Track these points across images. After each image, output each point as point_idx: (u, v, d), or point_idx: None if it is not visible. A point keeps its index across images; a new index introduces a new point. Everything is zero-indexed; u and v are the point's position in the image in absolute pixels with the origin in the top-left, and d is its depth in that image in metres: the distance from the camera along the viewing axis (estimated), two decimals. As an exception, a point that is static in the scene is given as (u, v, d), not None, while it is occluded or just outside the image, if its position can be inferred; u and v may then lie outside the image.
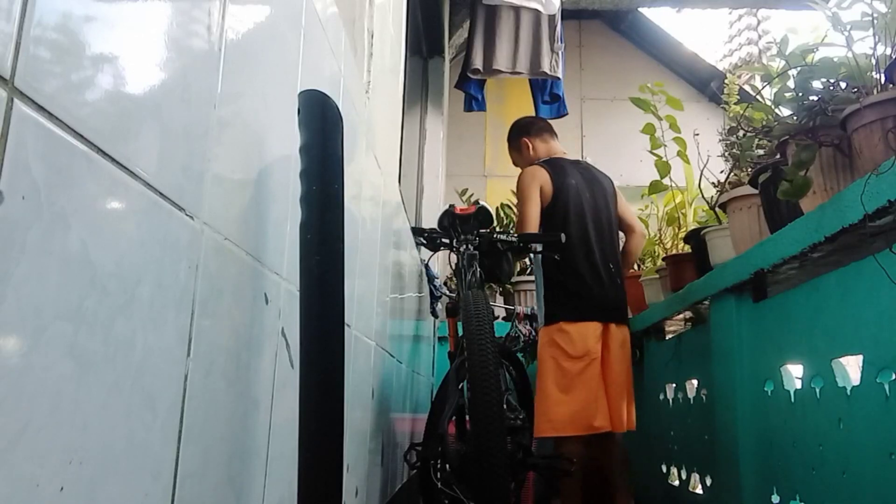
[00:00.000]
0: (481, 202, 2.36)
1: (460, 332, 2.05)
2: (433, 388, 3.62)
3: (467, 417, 1.78)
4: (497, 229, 2.56)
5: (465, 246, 2.24)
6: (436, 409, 1.98)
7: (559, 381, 2.36)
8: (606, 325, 2.44)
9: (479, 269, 2.22)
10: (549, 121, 4.26)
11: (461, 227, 2.29)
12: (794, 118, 1.65)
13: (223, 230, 0.75)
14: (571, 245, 2.41)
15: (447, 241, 2.41)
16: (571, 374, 2.36)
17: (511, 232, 2.59)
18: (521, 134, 2.81)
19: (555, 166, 2.62)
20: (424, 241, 2.54)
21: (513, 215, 3.91)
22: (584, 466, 2.30)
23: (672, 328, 2.81)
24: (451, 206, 2.40)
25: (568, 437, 2.30)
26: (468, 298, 1.86)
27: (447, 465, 1.76)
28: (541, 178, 2.55)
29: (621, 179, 3.36)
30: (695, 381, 2.50)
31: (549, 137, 2.82)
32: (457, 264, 2.28)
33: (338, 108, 0.92)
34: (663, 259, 2.74)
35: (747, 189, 2.00)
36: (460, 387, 1.89)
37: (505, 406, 1.77)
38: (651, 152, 2.93)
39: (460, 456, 1.73)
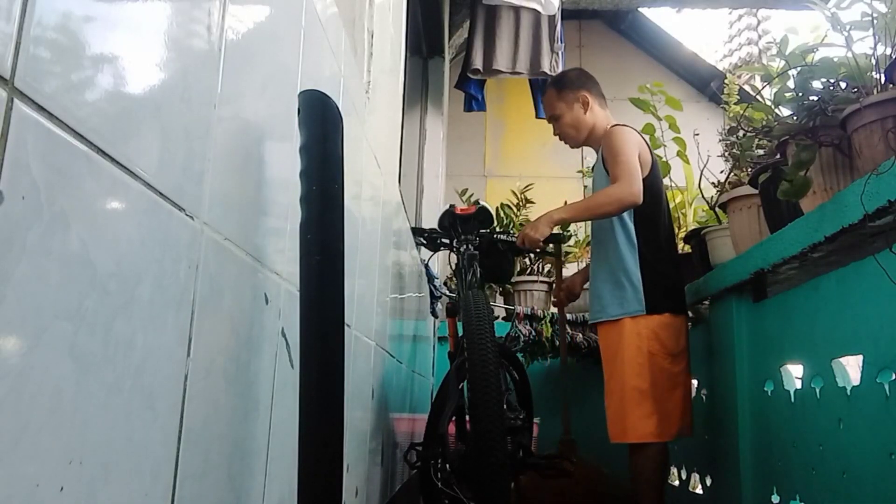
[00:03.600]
0: (481, 202, 2.31)
1: (460, 333, 2.04)
2: (433, 388, 3.62)
3: (467, 417, 1.79)
4: (497, 229, 2.47)
5: (465, 246, 2.23)
6: (436, 409, 1.96)
7: (660, 381, 2.12)
8: (686, 319, 2.25)
9: (479, 269, 2.19)
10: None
11: (461, 227, 2.27)
12: (794, 118, 1.65)
13: (223, 230, 0.75)
14: (666, 228, 2.23)
15: (447, 241, 2.39)
16: (672, 373, 2.13)
17: (511, 232, 2.54)
18: (580, 86, 2.35)
19: (642, 136, 2.30)
20: (424, 242, 2.50)
21: (513, 216, 3.91)
22: (664, 474, 2.17)
23: (672, 328, 2.80)
24: (451, 206, 2.37)
25: (652, 444, 2.12)
26: (468, 298, 1.85)
27: (447, 465, 1.76)
28: (639, 144, 2.23)
29: (621, 179, 3.33)
30: (695, 381, 2.50)
31: (606, 105, 2.40)
32: (457, 264, 2.26)
33: (338, 108, 0.92)
34: (663, 259, 2.73)
35: (747, 189, 2.00)
36: (460, 387, 1.87)
37: (505, 406, 1.76)
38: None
39: (460, 456, 1.73)
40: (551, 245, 2.43)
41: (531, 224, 2.25)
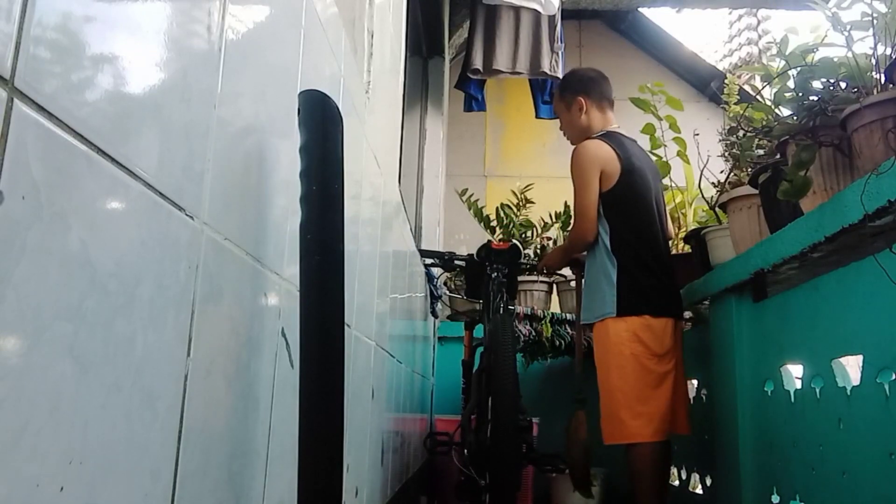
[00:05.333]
0: (514, 241, 2.73)
1: (475, 342, 2.71)
2: (433, 388, 3.62)
3: (472, 416, 2.25)
4: (523, 261, 2.88)
5: (496, 274, 2.62)
6: (464, 406, 2.49)
7: (644, 381, 2.17)
8: (676, 321, 2.28)
9: (505, 295, 2.56)
10: (548, 120, 4.28)
11: (495, 258, 2.66)
12: (794, 118, 1.65)
13: (223, 230, 0.75)
14: (643, 235, 2.30)
15: (461, 263, 2.87)
16: (658, 373, 2.18)
17: (528, 257, 3.08)
18: (578, 90, 2.49)
19: (618, 142, 2.35)
20: (439, 263, 2.93)
21: (513, 216, 3.91)
22: (660, 473, 2.20)
23: (672, 328, 2.80)
24: (489, 241, 2.80)
25: (645, 444, 2.15)
26: (496, 323, 2.19)
27: (465, 451, 2.14)
28: (603, 158, 2.30)
29: (621, 179, 3.32)
30: (695, 381, 2.50)
31: (608, 108, 2.49)
32: (485, 287, 2.63)
33: (338, 108, 0.92)
34: (663, 259, 2.73)
35: (747, 189, 2.00)
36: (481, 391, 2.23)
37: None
38: (651, 152, 2.93)
39: (478, 445, 2.10)
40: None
41: (550, 256, 2.67)
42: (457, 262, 2.89)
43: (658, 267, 2.28)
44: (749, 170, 2.02)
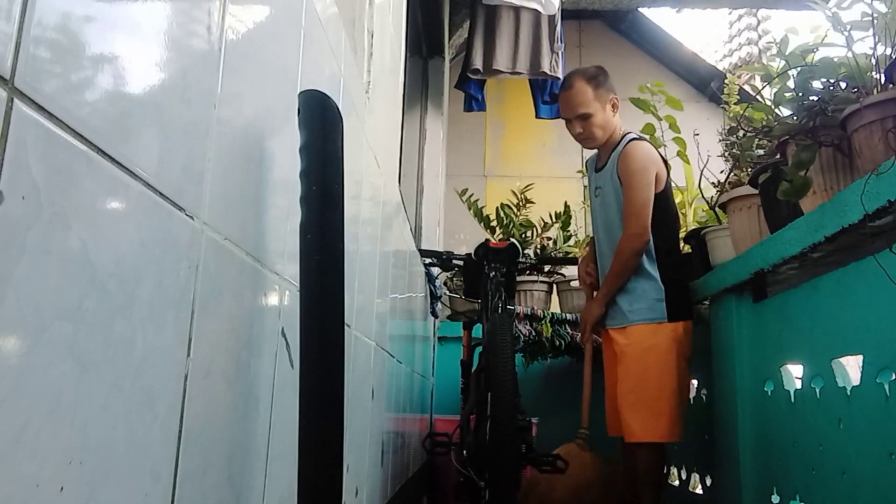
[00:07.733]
0: (512, 240, 2.66)
1: (473, 342, 2.67)
2: (433, 388, 3.62)
3: (471, 417, 2.22)
4: (521, 260, 2.82)
5: (493, 273, 2.60)
6: (463, 406, 2.44)
7: (684, 383, 2.27)
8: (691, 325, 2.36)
9: (504, 294, 2.54)
10: (548, 120, 4.28)
11: (493, 257, 2.63)
12: (794, 118, 1.65)
13: (223, 230, 0.75)
14: (676, 239, 2.41)
15: (459, 262, 2.85)
16: (686, 376, 2.30)
17: (527, 255, 3.03)
18: (612, 87, 2.43)
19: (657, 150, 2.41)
20: (437, 262, 2.91)
21: (513, 216, 3.90)
22: (663, 471, 2.30)
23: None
24: (487, 240, 2.75)
25: (660, 443, 2.23)
26: (494, 322, 2.19)
27: (464, 451, 2.15)
28: (656, 160, 2.34)
29: (621, 179, 3.31)
30: (695, 381, 2.51)
31: None
32: (484, 287, 2.60)
33: (338, 108, 0.92)
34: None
35: (747, 189, 2.01)
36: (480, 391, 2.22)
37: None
38: (651, 152, 2.92)
39: (476, 445, 2.10)
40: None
41: (587, 310, 2.44)
42: (455, 261, 2.90)
43: (684, 271, 2.37)
44: (749, 170, 2.02)
